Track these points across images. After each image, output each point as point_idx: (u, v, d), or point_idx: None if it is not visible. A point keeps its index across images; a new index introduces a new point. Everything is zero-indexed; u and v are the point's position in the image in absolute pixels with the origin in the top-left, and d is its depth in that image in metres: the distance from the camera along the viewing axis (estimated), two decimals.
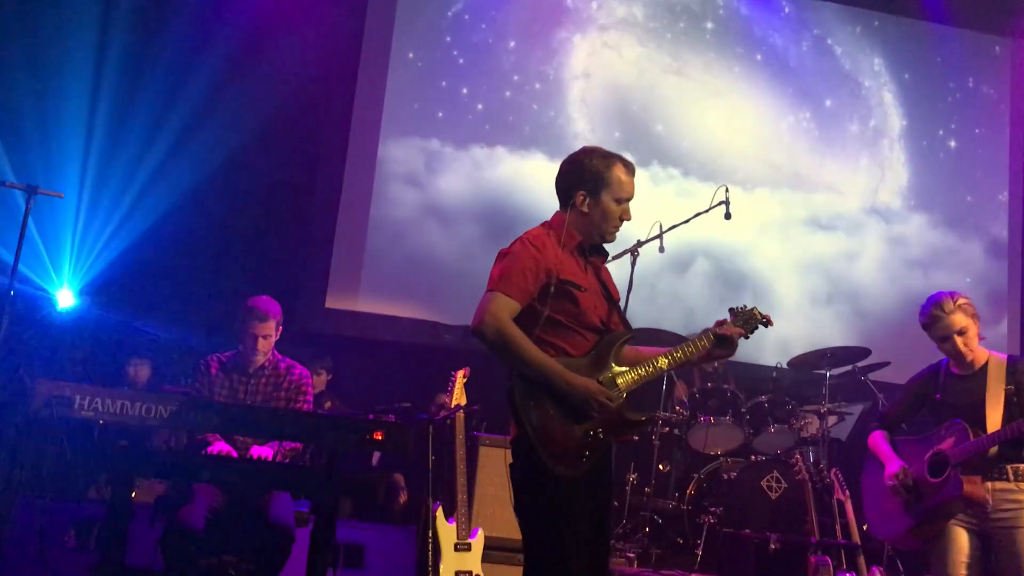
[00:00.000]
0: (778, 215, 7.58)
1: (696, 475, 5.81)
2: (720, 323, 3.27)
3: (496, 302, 3.03)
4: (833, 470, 5.32)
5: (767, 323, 3.37)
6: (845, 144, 7.87)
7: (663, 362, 3.20)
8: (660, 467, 5.93)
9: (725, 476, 5.65)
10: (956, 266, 7.85)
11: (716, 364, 6.34)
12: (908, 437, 4.05)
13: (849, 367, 6.07)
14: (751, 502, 5.42)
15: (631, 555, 5.13)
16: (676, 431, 5.94)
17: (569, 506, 2.96)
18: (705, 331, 3.25)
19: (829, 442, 5.95)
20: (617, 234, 3.24)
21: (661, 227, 5.39)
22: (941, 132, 8.02)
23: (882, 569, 4.90)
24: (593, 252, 3.26)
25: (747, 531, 5.25)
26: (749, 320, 3.33)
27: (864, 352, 5.99)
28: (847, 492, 5.17)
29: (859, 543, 5.04)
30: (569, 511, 2.96)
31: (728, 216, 5.53)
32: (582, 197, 3.17)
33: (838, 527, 5.07)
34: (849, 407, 6.24)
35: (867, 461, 4.21)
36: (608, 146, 3.36)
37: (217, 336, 4.99)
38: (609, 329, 3.20)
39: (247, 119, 6.69)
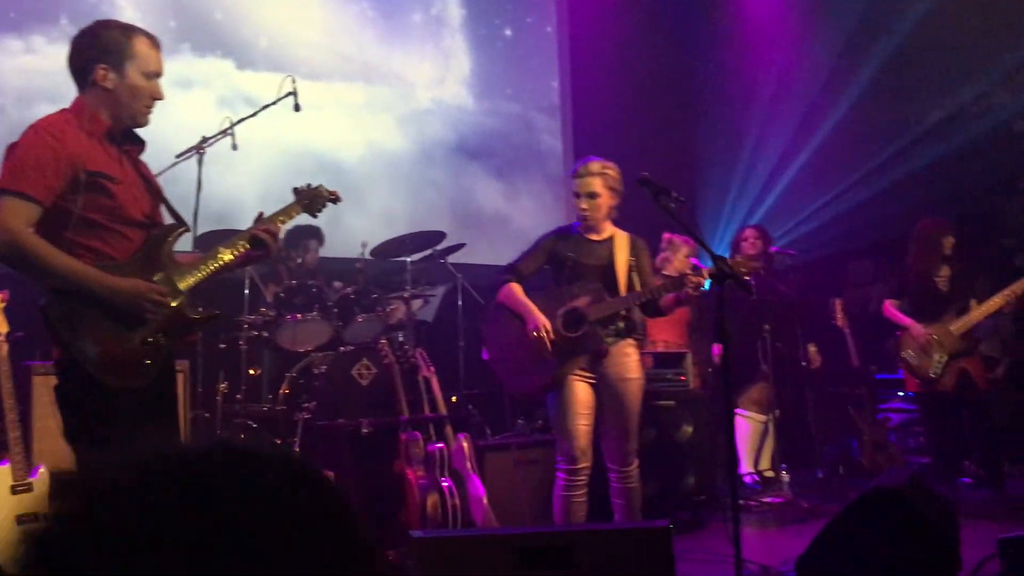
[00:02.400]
0: (349, 107, 7.52)
1: (288, 374, 5.73)
2: (258, 218, 3.12)
3: (7, 208, 2.62)
4: (418, 350, 5.53)
5: (335, 199, 3.32)
6: (410, 34, 7.96)
7: (227, 255, 3.00)
8: (251, 372, 5.77)
9: (316, 371, 5.63)
10: (517, 150, 8.41)
11: (300, 260, 6.24)
12: (535, 293, 4.27)
13: (429, 251, 6.29)
14: (344, 392, 5.47)
15: None
16: (264, 333, 5.77)
17: (128, 423, 2.69)
18: (247, 230, 3.09)
19: (416, 324, 6.17)
20: (150, 116, 2.94)
21: (231, 121, 5.10)
22: (497, 21, 8.42)
23: (467, 435, 5.22)
24: (127, 140, 2.92)
25: (341, 420, 5.31)
26: (316, 199, 3.26)
27: (440, 236, 6.23)
28: (432, 369, 5.41)
29: (446, 414, 5.32)
30: (128, 428, 2.69)
31: (297, 108, 5.36)
32: (103, 72, 2.81)
33: (425, 402, 5.31)
34: (432, 290, 6.50)
35: (493, 312, 4.39)
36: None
37: None
38: (156, 225, 2.92)
39: None
